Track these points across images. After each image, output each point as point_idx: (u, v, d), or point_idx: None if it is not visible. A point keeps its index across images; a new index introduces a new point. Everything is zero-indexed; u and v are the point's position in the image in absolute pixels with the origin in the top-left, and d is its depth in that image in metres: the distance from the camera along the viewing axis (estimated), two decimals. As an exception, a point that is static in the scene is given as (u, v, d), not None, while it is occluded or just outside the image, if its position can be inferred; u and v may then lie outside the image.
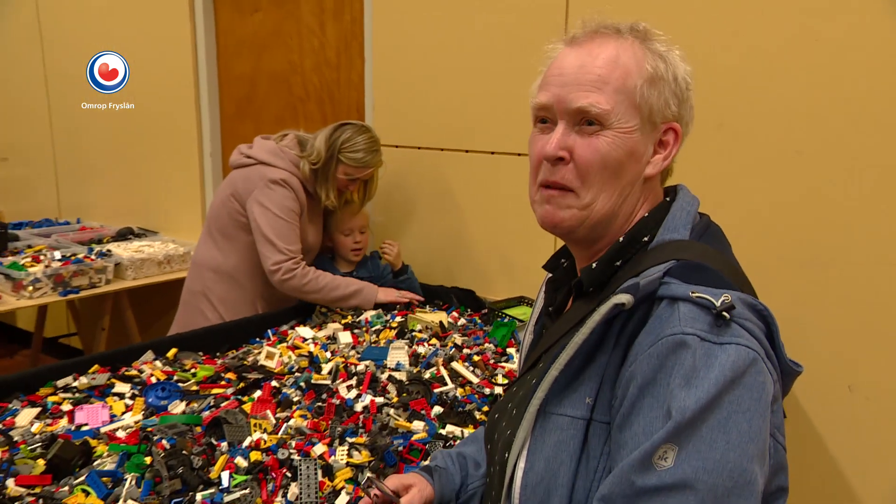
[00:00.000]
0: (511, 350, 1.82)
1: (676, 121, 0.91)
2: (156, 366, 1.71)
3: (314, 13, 2.60)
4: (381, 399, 1.50)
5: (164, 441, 1.27)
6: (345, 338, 1.85)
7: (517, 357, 1.73)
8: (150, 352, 1.78)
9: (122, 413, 1.47)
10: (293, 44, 2.69)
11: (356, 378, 1.60)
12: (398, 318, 2.03)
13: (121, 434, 1.36)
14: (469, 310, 2.17)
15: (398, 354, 1.72)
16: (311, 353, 1.75)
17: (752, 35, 1.61)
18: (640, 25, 0.91)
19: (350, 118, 2.24)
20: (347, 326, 1.97)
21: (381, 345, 1.81)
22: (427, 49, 2.23)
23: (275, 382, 1.58)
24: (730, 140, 1.67)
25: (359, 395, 1.51)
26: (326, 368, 1.65)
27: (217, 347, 1.90)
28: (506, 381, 1.62)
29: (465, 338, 1.88)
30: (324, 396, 1.51)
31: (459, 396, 1.54)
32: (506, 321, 1.94)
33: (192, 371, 1.67)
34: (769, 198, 1.63)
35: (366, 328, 1.97)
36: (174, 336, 1.93)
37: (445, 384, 1.58)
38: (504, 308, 2.07)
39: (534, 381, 0.88)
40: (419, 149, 2.31)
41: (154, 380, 1.61)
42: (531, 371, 0.97)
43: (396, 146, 2.34)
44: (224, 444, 1.30)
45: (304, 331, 1.93)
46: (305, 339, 1.87)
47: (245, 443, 1.30)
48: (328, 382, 1.57)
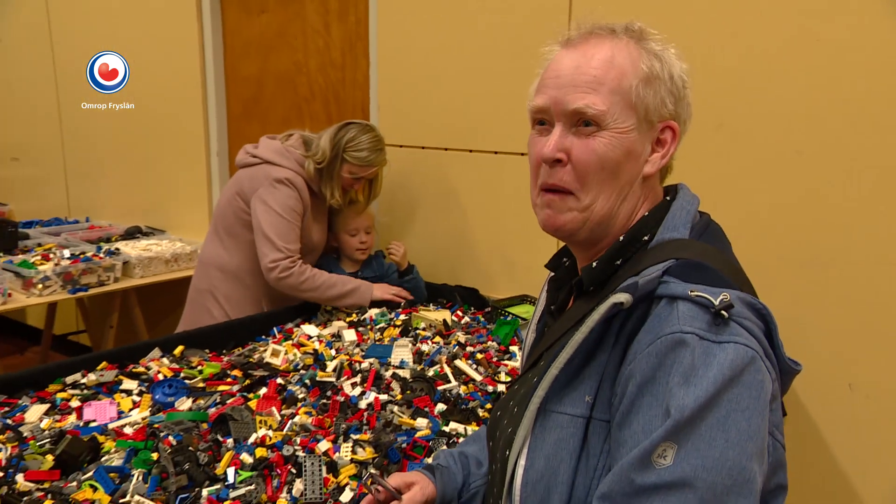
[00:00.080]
0: (514, 348, 1.83)
1: (673, 119, 0.91)
2: (163, 363, 1.73)
3: (319, 14, 2.61)
4: (385, 396, 1.51)
5: (171, 437, 1.28)
6: (349, 335, 1.86)
7: (520, 355, 1.74)
8: (158, 349, 1.80)
9: (130, 409, 1.49)
10: (298, 44, 2.70)
11: (360, 375, 1.61)
12: (402, 317, 2.04)
13: (128, 430, 1.37)
14: (472, 308, 2.18)
15: (402, 352, 1.73)
16: (316, 351, 1.76)
17: (752, 36, 1.61)
18: (635, 25, 0.91)
19: (355, 118, 2.25)
20: (352, 324, 1.98)
21: (386, 342, 1.82)
22: (431, 49, 2.23)
23: (280, 380, 1.59)
24: (729, 141, 1.67)
25: (363, 393, 1.52)
26: (331, 366, 1.66)
27: (223, 345, 1.91)
28: (508, 379, 1.63)
29: (469, 336, 1.89)
30: (328, 393, 1.52)
31: (463, 394, 1.55)
32: (509, 319, 1.94)
33: (199, 368, 1.69)
34: (769, 198, 1.63)
35: (370, 326, 1.98)
36: (181, 333, 1.95)
37: (449, 382, 1.59)
38: (507, 306, 2.07)
39: (535, 380, 0.88)
40: (423, 148, 2.32)
41: (161, 377, 1.63)
42: (532, 369, 0.97)
43: (401, 146, 2.35)
44: (230, 441, 1.31)
45: (310, 328, 1.95)
46: (310, 337, 1.88)
47: (250, 439, 1.31)
48: (333, 380, 1.58)
